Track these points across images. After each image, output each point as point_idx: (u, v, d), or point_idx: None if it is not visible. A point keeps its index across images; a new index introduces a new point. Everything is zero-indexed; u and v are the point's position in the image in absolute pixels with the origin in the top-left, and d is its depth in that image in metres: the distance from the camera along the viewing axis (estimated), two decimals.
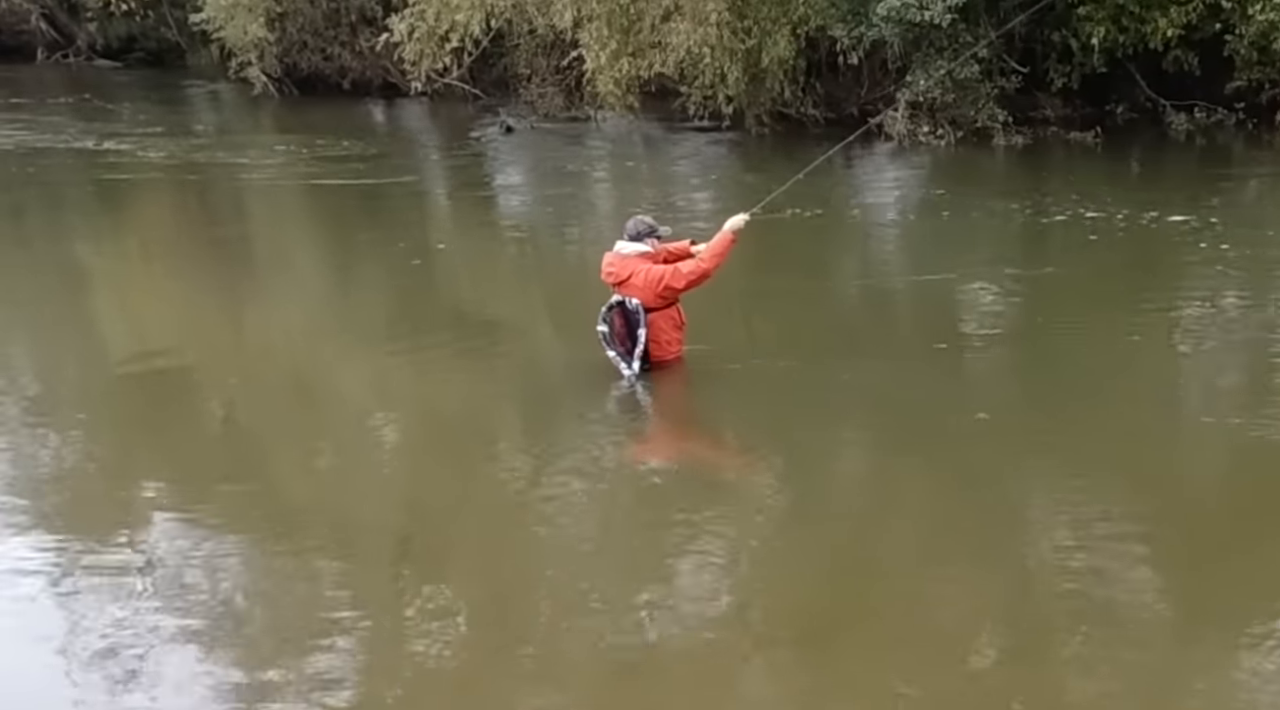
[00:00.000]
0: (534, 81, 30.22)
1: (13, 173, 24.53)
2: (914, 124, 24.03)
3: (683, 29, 24.03)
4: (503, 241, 19.51)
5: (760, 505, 9.51)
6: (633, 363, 11.69)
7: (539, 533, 9.18)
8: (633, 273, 11.72)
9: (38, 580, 8.35)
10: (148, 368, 12.66)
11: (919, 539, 8.91)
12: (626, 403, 11.71)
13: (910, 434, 10.53)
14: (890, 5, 21.80)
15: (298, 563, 8.63)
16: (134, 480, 10.04)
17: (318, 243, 19.29)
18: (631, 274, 11.71)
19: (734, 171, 23.71)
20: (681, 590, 8.21)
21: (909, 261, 17.25)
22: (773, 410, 11.12)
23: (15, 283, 16.52)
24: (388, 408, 11.65)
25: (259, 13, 32.77)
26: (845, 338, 13.34)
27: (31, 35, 44.35)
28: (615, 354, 11.74)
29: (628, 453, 10.75)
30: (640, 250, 11.85)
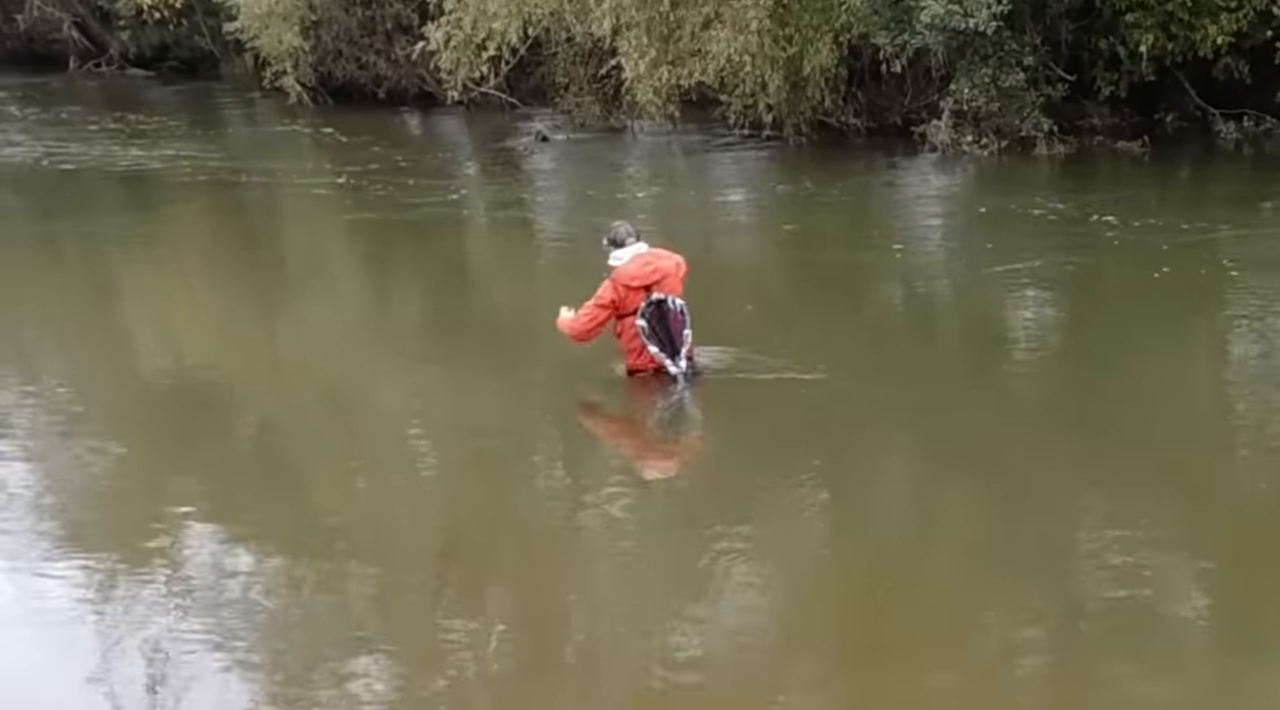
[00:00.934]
0: (571, 90, 30.20)
1: (45, 184, 24.79)
2: (957, 133, 23.92)
3: (723, 37, 24.00)
4: (539, 252, 19.61)
5: (801, 520, 9.53)
6: (679, 360, 11.77)
7: (577, 548, 9.25)
8: (672, 265, 11.86)
9: (72, 595, 8.44)
10: (182, 381, 12.81)
11: (962, 554, 8.94)
12: (664, 415, 11.77)
13: (953, 446, 10.55)
14: (934, 12, 21.69)
15: (334, 579, 8.68)
16: (168, 495, 10.11)
17: (353, 254, 19.40)
18: (672, 266, 11.86)
19: (773, 181, 23.71)
20: (722, 607, 8.23)
21: (951, 272, 17.23)
22: (813, 421, 11.15)
23: (48, 295, 16.64)
24: (424, 420, 11.69)
25: (293, 21, 32.87)
26: (885, 347, 13.35)
27: (63, 44, 44.59)
28: (658, 350, 11.79)
29: (666, 466, 10.83)
30: (647, 246, 12.00)
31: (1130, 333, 13.39)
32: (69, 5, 43.33)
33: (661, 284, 11.80)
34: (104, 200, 23.89)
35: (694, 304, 12.08)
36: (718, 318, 13.25)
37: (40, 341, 15.02)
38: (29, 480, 10.54)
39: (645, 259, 11.86)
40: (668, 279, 11.81)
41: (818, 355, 12.66)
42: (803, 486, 10.12)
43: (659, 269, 11.80)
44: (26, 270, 18.20)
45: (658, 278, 11.80)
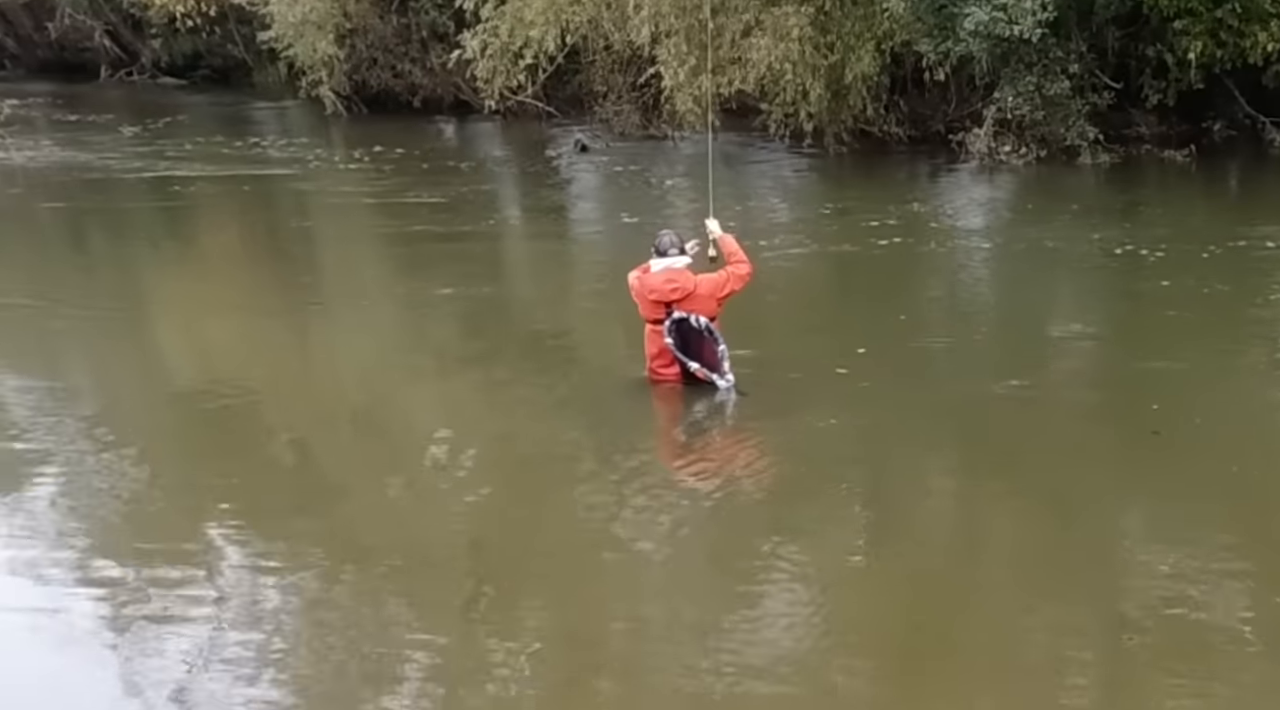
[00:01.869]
0: (610, 99, 30.33)
1: (76, 194, 24.88)
2: (997, 142, 24.08)
3: (763, 44, 24.17)
4: (576, 264, 19.71)
5: (842, 530, 9.55)
6: (726, 374, 11.92)
7: (613, 561, 9.26)
8: (696, 284, 11.90)
9: (103, 610, 8.49)
10: (214, 393, 12.81)
11: (1008, 565, 8.98)
12: (700, 427, 11.84)
13: (999, 456, 10.64)
14: (978, 20, 21.81)
15: (367, 595, 8.69)
16: (200, 509, 10.10)
17: (387, 264, 19.48)
18: (696, 285, 11.89)
19: (814, 190, 23.77)
20: (761, 620, 8.25)
21: (993, 281, 17.30)
22: (854, 430, 11.24)
23: (79, 305, 16.71)
24: (458, 435, 11.68)
25: (328, 29, 33.07)
26: (926, 356, 13.43)
27: (95, 53, 44.84)
28: (698, 367, 11.94)
29: (703, 479, 10.81)
30: (686, 262, 12.08)
31: (1178, 343, 13.49)
32: (100, 13, 43.58)
33: (683, 303, 11.91)
34: (135, 210, 24.03)
35: (734, 312, 12.21)
36: (760, 326, 13.44)
37: (70, 353, 15.04)
38: (59, 494, 10.54)
39: (669, 275, 11.97)
40: (690, 298, 11.89)
41: (859, 365, 12.76)
42: (844, 496, 10.16)
43: (679, 287, 11.89)
44: (57, 280, 18.25)
45: (677, 297, 11.90)
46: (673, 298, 11.90)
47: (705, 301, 11.92)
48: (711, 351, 12.00)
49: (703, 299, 11.90)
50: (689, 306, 11.89)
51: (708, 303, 11.93)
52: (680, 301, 11.90)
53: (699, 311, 11.90)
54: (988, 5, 21.70)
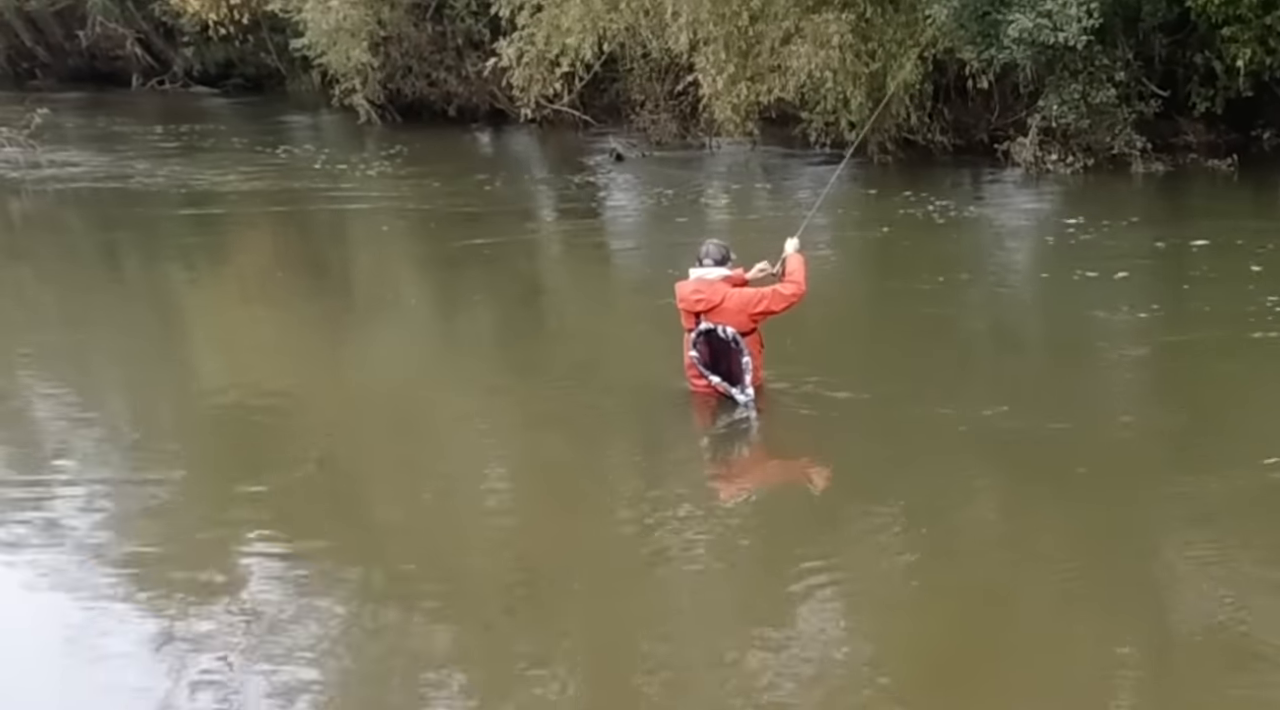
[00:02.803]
0: (647, 108, 30.45)
1: (107, 204, 25.16)
2: (1043, 151, 24.06)
3: (804, 52, 24.12)
4: (613, 275, 19.79)
5: (884, 546, 9.54)
6: (746, 388, 11.91)
7: (653, 575, 9.27)
8: (724, 297, 11.88)
9: (134, 625, 8.57)
10: (246, 404, 12.91)
11: (1052, 582, 8.94)
12: (737, 440, 11.85)
13: (1042, 471, 10.58)
14: (1022, 27, 21.72)
15: (400, 613, 8.70)
16: (232, 521, 10.16)
17: (421, 274, 19.60)
18: (724, 298, 11.87)
19: (857, 200, 23.69)
20: (803, 636, 8.26)
21: (1040, 294, 17.28)
22: (894, 446, 11.20)
23: (110, 315, 16.90)
24: (493, 449, 11.79)
25: (362, 37, 33.28)
26: (965, 369, 13.43)
27: (127, 61, 45.27)
28: (718, 380, 11.97)
29: (741, 492, 10.85)
30: (723, 274, 12.06)
31: (1227, 355, 13.45)
32: (132, 21, 43.99)
33: (710, 314, 11.93)
34: (166, 220, 24.19)
35: (774, 326, 12.22)
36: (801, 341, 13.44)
37: (102, 363, 15.17)
38: (90, 506, 10.61)
39: (697, 285, 12.00)
40: (716, 310, 11.90)
41: (900, 378, 12.76)
42: (885, 512, 10.12)
43: (705, 300, 11.90)
44: (88, 290, 18.47)
45: (703, 308, 11.93)
46: (698, 308, 11.95)
47: (734, 315, 11.90)
48: (736, 364, 12.00)
49: (731, 312, 11.89)
50: (716, 318, 11.90)
51: (738, 316, 11.91)
52: (707, 313, 11.93)
53: (728, 324, 11.90)
54: (1032, 12, 21.64)
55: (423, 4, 34.13)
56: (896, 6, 24.51)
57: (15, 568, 9.50)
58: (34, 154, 29.29)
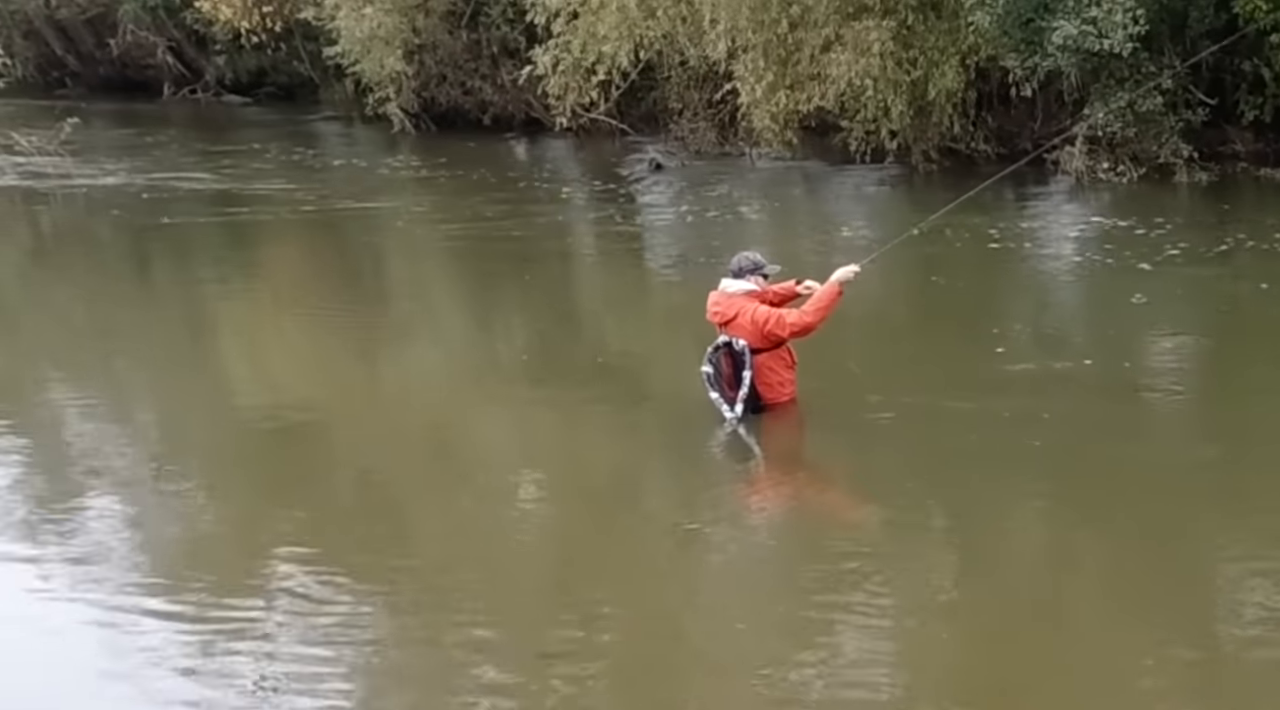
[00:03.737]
0: (685, 116, 30.46)
1: (138, 214, 25.28)
2: (1092, 160, 23.99)
3: (844, 60, 24.18)
4: (650, 285, 19.83)
5: (924, 558, 9.54)
6: (736, 406, 11.90)
7: (689, 589, 9.31)
8: (739, 312, 11.94)
9: (167, 643, 8.59)
10: (279, 419, 12.97)
11: (1096, 596, 8.97)
12: (775, 454, 11.92)
13: (1086, 484, 10.57)
14: (1067, 33, 21.74)
15: (434, 626, 8.76)
16: (265, 538, 10.20)
17: (456, 286, 19.72)
18: (738, 313, 11.94)
19: (899, 211, 23.68)
20: (845, 650, 8.28)
21: (1081, 302, 17.36)
22: (934, 457, 11.21)
23: (142, 329, 17.02)
24: (529, 461, 11.82)
25: (396, 45, 33.28)
26: (1008, 379, 13.38)
27: (158, 70, 45.42)
28: (718, 396, 11.95)
29: (780, 505, 10.93)
30: (746, 288, 12.11)
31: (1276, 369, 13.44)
32: (163, 29, 44.13)
33: (727, 327, 12.01)
34: (199, 230, 24.39)
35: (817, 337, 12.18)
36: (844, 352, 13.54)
37: (134, 377, 15.26)
38: (123, 523, 10.67)
39: (716, 298, 12.15)
40: (732, 324, 11.97)
41: (938, 390, 12.76)
42: (927, 524, 10.18)
43: (720, 313, 12.02)
44: (120, 303, 18.65)
45: (719, 321, 12.04)
46: (714, 321, 12.08)
47: (748, 331, 11.94)
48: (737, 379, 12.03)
49: (744, 327, 11.94)
50: (733, 332, 11.97)
51: (751, 332, 11.94)
52: (723, 325, 12.02)
53: (745, 338, 11.94)
54: (1076, 19, 21.66)
55: (457, 11, 34.23)
56: (938, 13, 24.50)
57: (46, 582, 9.57)
58: (64, 164, 29.47)
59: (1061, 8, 22.04)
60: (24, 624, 8.97)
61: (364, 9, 32.85)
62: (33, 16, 46.31)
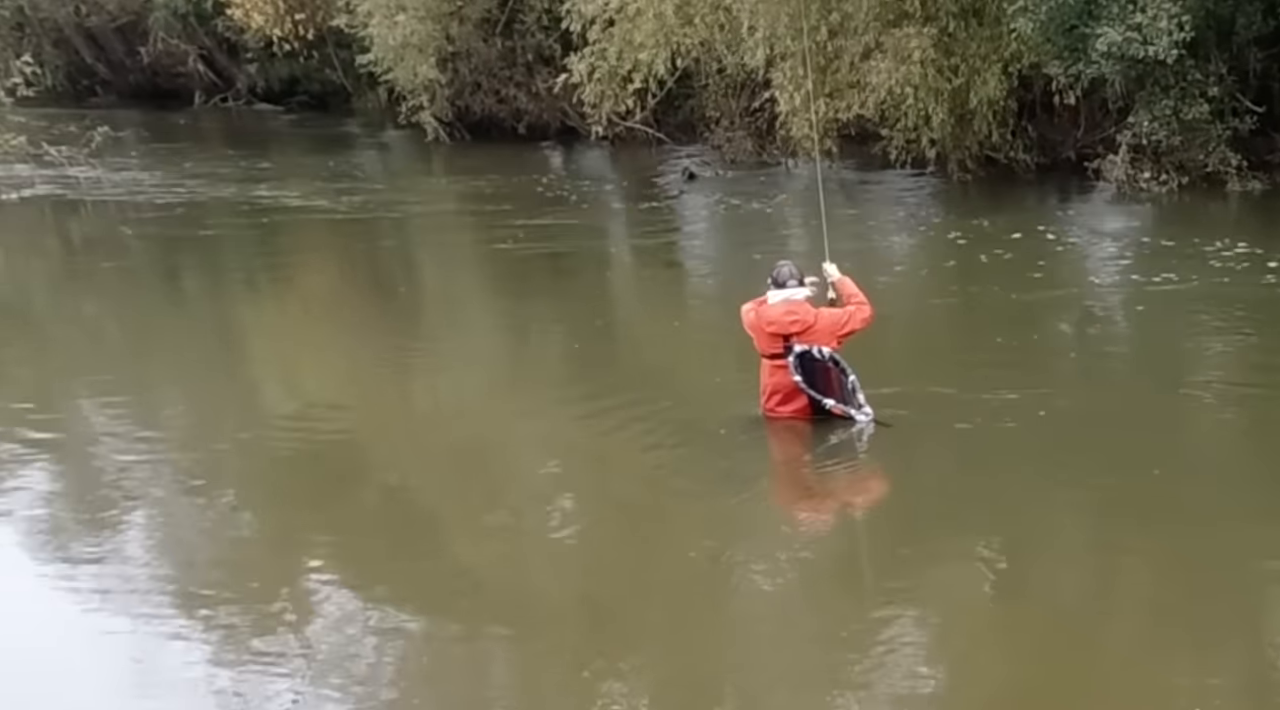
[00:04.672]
0: (722, 125, 30.54)
1: (169, 224, 25.44)
2: (1135, 169, 23.94)
3: (884, 68, 24.27)
4: (685, 295, 19.86)
5: (968, 577, 9.52)
6: (863, 407, 12.01)
7: (728, 607, 9.28)
8: (816, 317, 12.01)
9: (199, 658, 8.62)
10: (311, 431, 12.97)
11: (1143, 617, 8.96)
12: (815, 466, 11.90)
13: (1133, 499, 10.55)
14: (1111, 40, 21.71)
15: (470, 642, 8.79)
16: (297, 551, 10.25)
17: (491, 297, 19.69)
18: (816, 318, 12.01)
19: (939, 221, 23.64)
20: (885, 668, 8.25)
21: (1131, 318, 17.25)
22: (980, 471, 11.22)
23: (174, 340, 17.05)
24: (564, 474, 11.83)
25: (430, 53, 33.45)
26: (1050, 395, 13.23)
27: (189, 78, 45.76)
28: (833, 403, 12.02)
29: (820, 520, 10.92)
30: (806, 295, 12.19)
31: None
32: (195, 38, 44.45)
33: (803, 336, 12.01)
34: (230, 240, 24.52)
35: (854, 350, 12.26)
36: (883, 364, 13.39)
37: (165, 389, 15.27)
38: (155, 537, 10.73)
39: (789, 307, 12.09)
40: (810, 332, 11.99)
41: (985, 403, 12.77)
42: (970, 541, 10.06)
43: (799, 320, 12.00)
44: (150, 313, 18.72)
45: (797, 330, 12.01)
46: (791, 330, 12.02)
47: (825, 336, 11.99)
48: (839, 384, 12.08)
49: (822, 333, 11.99)
50: (810, 339, 11.98)
51: (828, 338, 12.00)
52: (800, 335, 12.00)
53: (821, 344, 11.98)
54: (1121, 25, 21.64)
55: (492, 19, 34.36)
56: (980, 20, 24.53)
57: (77, 597, 9.62)
58: (95, 173, 29.62)
59: (1106, 14, 22.01)
60: (58, 638, 9.04)
61: (397, 16, 32.99)
62: (63, 24, 46.64)
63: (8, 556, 10.45)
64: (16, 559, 10.39)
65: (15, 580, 9.99)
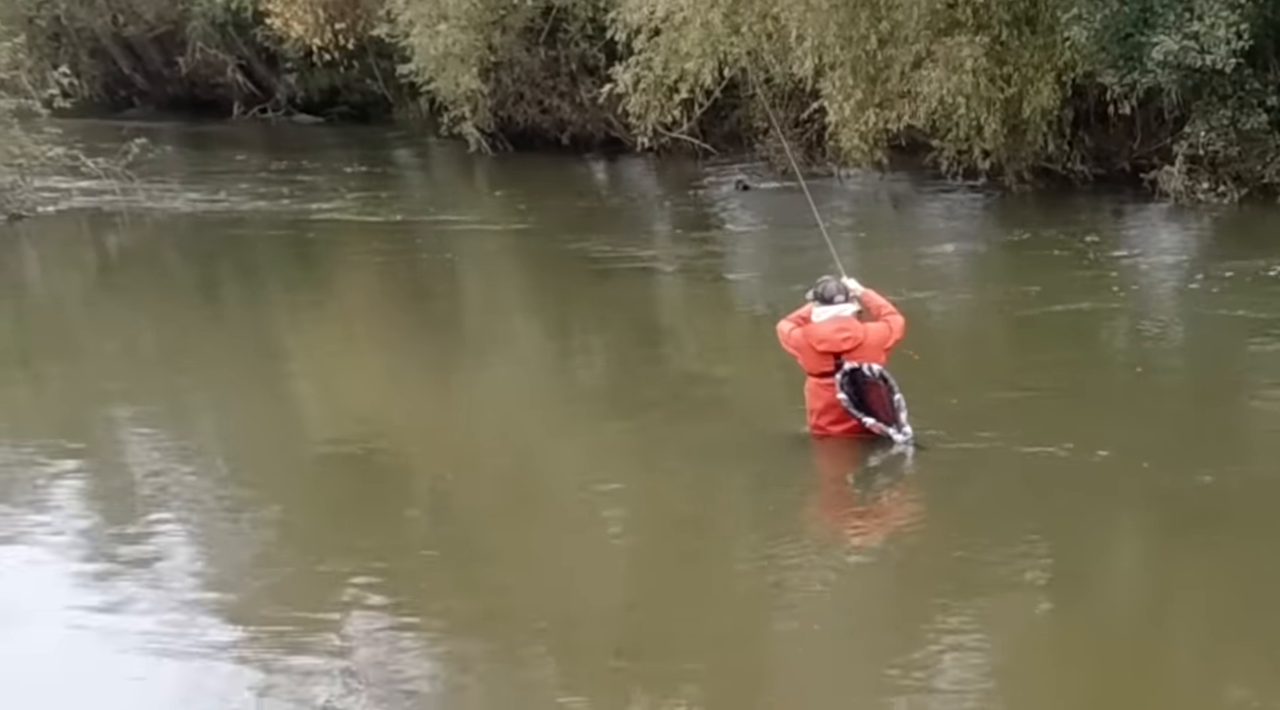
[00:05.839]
0: (770, 136, 30.53)
1: (207, 237, 25.70)
2: (1192, 180, 23.92)
3: (935, 77, 24.24)
4: (734, 311, 19.95)
5: (1021, 595, 9.59)
6: (904, 427, 12.00)
7: (775, 626, 9.37)
8: (866, 333, 12.08)
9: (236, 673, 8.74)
10: (351, 446, 13.10)
11: (1201, 634, 9.00)
12: (864, 484, 12.03)
13: (1189, 516, 10.58)
14: (1167, 49, 21.72)
15: (510, 659, 8.86)
16: (336, 567, 10.27)
17: (534, 310, 19.88)
18: (866, 334, 12.08)
19: (993, 233, 23.72)
20: (935, 689, 8.33)
21: (1189, 334, 17.27)
22: (1031, 489, 11.24)
23: (212, 355, 17.17)
24: (608, 489, 11.92)
25: (472, 63, 33.43)
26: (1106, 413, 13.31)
27: (227, 89, 45.93)
28: (873, 422, 12.04)
29: (868, 540, 10.98)
30: (854, 310, 12.26)
31: None
32: (233, 47, 44.59)
33: (855, 353, 12.05)
34: (271, 254, 24.80)
35: (905, 367, 12.31)
36: (935, 379, 13.51)
37: (203, 402, 15.44)
38: (192, 553, 10.89)
39: (841, 324, 12.13)
40: (861, 348, 12.04)
41: (1036, 420, 12.81)
42: (1022, 559, 10.16)
43: (851, 336, 12.05)
44: (189, 326, 18.85)
45: (849, 346, 12.05)
46: (844, 348, 12.05)
47: (875, 351, 12.05)
48: (886, 401, 12.09)
49: (873, 349, 12.05)
50: (860, 356, 12.03)
51: (877, 353, 12.06)
52: (850, 351, 12.04)
53: (871, 361, 12.03)
54: (1177, 33, 21.66)
55: (535, 28, 34.36)
56: (1033, 28, 24.52)
57: (114, 614, 9.74)
58: (132, 185, 29.76)
59: (1162, 22, 22.03)
60: (95, 649, 9.21)
61: (438, 26, 33.03)
62: (100, 34, 46.85)
63: (47, 568, 10.60)
64: (56, 570, 10.55)
65: (54, 592, 10.10)
